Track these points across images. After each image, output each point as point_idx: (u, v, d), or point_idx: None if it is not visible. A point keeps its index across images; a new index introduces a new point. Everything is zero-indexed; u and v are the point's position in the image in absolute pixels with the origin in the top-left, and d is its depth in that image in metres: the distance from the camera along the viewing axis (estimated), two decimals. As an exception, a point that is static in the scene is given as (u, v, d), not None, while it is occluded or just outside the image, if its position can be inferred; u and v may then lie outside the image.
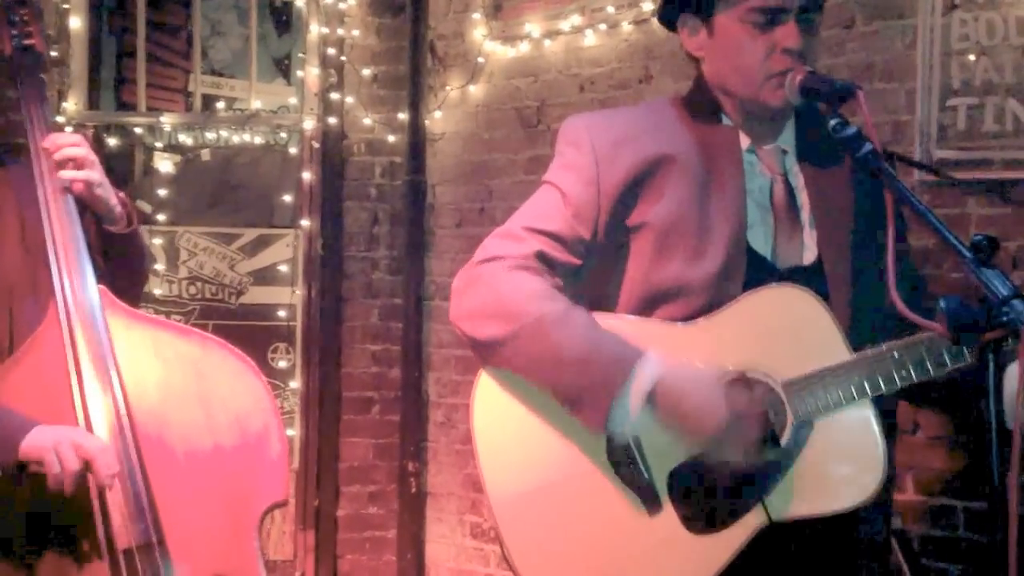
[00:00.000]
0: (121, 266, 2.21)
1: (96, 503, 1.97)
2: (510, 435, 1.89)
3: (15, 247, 2.15)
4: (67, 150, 2.10)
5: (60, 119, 3.85)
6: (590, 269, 1.92)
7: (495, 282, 1.85)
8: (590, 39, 3.62)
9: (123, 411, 2.02)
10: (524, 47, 3.78)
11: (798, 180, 1.91)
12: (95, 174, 2.12)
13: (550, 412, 1.84)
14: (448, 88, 4.00)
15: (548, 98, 3.75)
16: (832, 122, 1.70)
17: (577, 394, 1.78)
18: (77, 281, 2.06)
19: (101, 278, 2.13)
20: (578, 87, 3.67)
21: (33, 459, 1.92)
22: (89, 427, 1.99)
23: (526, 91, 3.81)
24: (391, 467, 4.11)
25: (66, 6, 3.91)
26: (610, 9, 3.54)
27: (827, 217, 1.89)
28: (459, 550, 3.99)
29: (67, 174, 2.10)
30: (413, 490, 4.07)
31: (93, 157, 2.13)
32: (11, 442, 1.92)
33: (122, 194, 2.21)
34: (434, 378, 4.09)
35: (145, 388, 2.06)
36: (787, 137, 1.93)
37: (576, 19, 3.62)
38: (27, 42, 2.20)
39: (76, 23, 3.92)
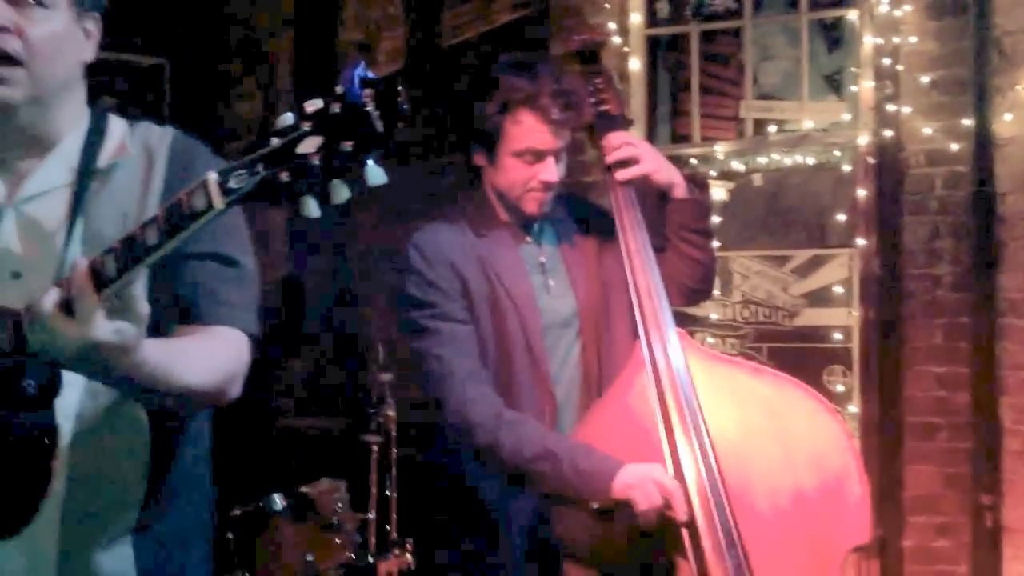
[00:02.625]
0: (687, 248, 2.35)
1: (687, 538, 2.06)
2: None
3: (594, 280, 2.35)
4: (618, 153, 2.32)
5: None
6: None
7: None
8: None
9: (710, 453, 2.10)
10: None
11: None
12: (648, 165, 2.31)
13: None
14: (1018, 87, 3.66)
15: None
16: None
17: None
18: (663, 333, 2.19)
19: (673, 292, 2.28)
20: None
21: (623, 495, 2.06)
22: (678, 468, 2.10)
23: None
24: (962, 498, 3.82)
25: (626, 49, 4.21)
26: None
27: None
28: (1045, 594, 3.62)
29: (623, 175, 2.31)
30: (988, 524, 3.74)
31: (642, 151, 2.32)
32: (607, 480, 2.08)
33: (687, 171, 2.34)
34: (1008, 403, 3.74)
35: (725, 428, 2.12)
36: None
37: None
38: (603, 108, 2.41)
39: (635, 64, 4.20)
